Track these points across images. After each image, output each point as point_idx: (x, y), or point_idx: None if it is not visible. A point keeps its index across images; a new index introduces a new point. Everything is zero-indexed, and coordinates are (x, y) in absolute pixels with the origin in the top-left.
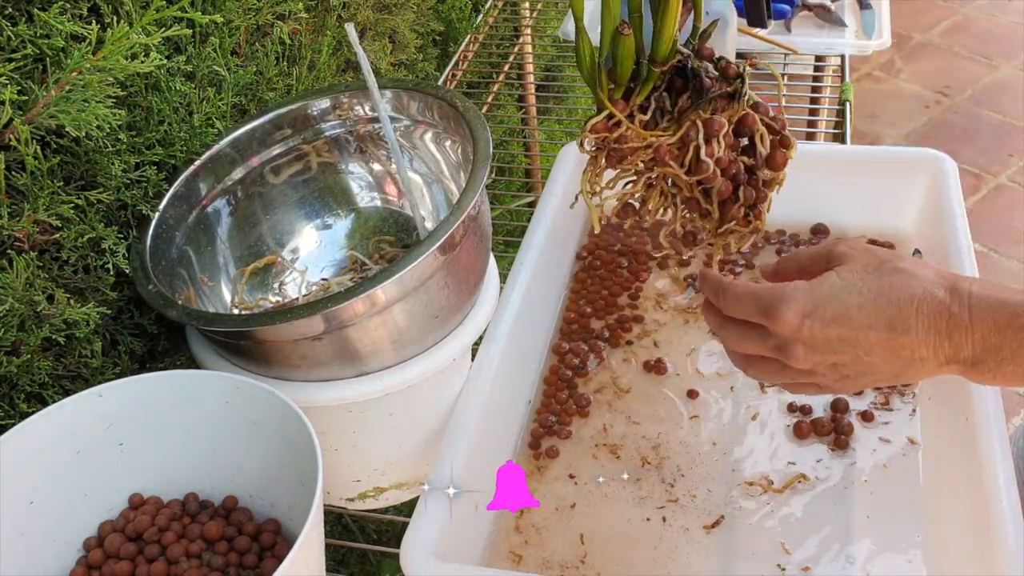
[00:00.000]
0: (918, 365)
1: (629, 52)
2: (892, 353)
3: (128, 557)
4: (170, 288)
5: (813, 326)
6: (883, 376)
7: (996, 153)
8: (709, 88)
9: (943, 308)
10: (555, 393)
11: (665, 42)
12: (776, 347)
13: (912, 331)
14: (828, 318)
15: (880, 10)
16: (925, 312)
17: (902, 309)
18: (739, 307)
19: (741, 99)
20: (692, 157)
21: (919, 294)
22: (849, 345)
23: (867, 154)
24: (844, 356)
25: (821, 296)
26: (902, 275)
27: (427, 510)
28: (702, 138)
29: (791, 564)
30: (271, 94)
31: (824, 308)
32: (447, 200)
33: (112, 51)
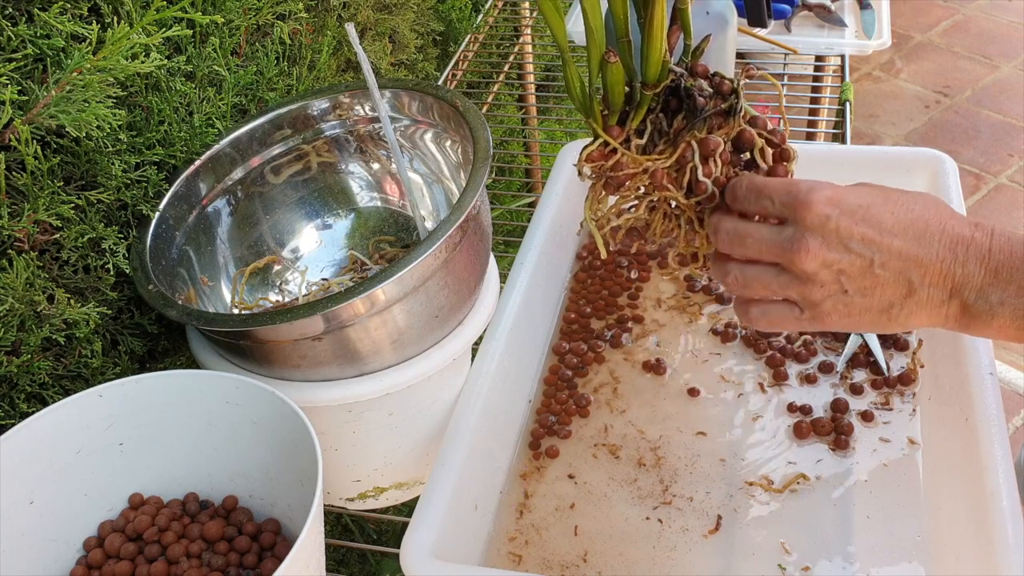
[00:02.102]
0: (923, 295)
1: (618, 79)
2: (904, 271)
3: (128, 557)
4: (170, 288)
5: (841, 218)
6: (878, 304)
7: (996, 153)
8: (703, 107)
9: (966, 236)
10: (555, 393)
11: (653, 65)
12: (790, 238)
13: (933, 249)
14: (859, 215)
15: (880, 10)
16: (949, 235)
17: (930, 226)
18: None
19: (737, 115)
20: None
21: (947, 218)
22: (870, 248)
23: (867, 154)
24: (858, 261)
25: (853, 193)
26: (935, 202)
27: (427, 510)
28: (698, 159)
29: (791, 564)
30: (271, 94)
31: (857, 204)
32: (447, 200)
33: (112, 51)
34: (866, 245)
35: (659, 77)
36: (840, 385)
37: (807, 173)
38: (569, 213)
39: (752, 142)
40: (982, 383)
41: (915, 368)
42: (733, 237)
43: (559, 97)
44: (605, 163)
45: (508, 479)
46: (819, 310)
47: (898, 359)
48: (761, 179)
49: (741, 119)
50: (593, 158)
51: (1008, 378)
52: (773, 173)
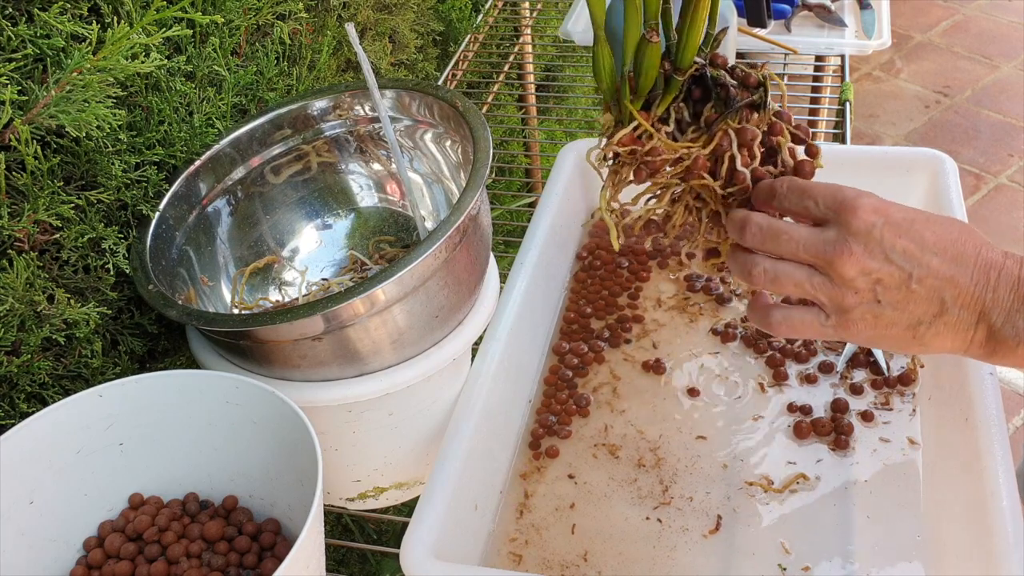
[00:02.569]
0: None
1: (655, 61)
2: (939, 289)
3: (128, 557)
4: (170, 288)
5: (885, 228)
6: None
7: (996, 153)
8: (735, 97)
9: (998, 262)
10: (555, 393)
11: (690, 50)
12: (832, 241)
13: (968, 271)
14: (903, 228)
15: (880, 10)
16: (984, 260)
17: (966, 249)
18: (808, 197)
19: (765, 108)
20: (727, 167)
21: (981, 244)
22: (910, 262)
23: (867, 154)
24: (896, 273)
25: (900, 208)
26: (969, 228)
27: (427, 510)
28: (735, 148)
29: (791, 564)
30: (271, 94)
31: (902, 218)
32: (447, 200)
33: (112, 51)
34: (907, 258)
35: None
36: (840, 385)
37: None
38: (569, 213)
39: (781, 134)
40: (982, 383)
41: (915, 368)
42: (767, 233)
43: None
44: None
45: (508, 479)
46: (847, 317)
47: (898, 359)
48: (803, 180)
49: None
50: (624, 143)
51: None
52: (799, 169)
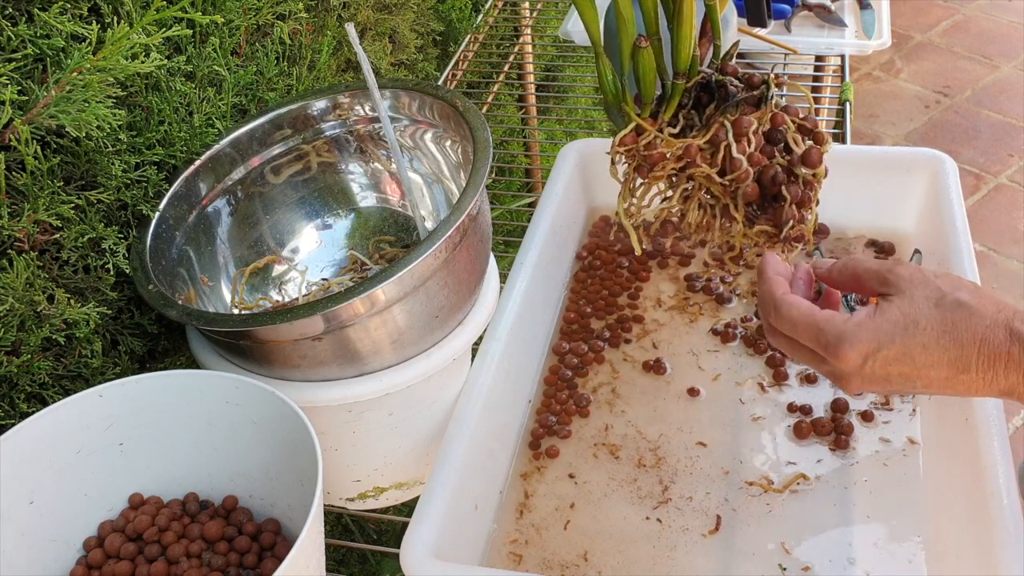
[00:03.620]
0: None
1: (650, 65)
2: (949, 386)
3: (128, 557)
4: (170, 288)
5: (875, 365)
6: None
7: (996, 153)
8: (734, 94)
9: (1003, 350)
10: (555, 393)
11: (683, 53)
12: (831, 373)
13: (972, 370)
14: (891, 358)
15: (880, 10)
16: (986, 353)
17: (964, 349)
18: (796, 333)
19: (768, 102)
20: (724, 156)
21: (980, 334)
22: (909, 381)
23: (867, 154)
24: (900, 388)
25: (884, 336)
26: (964, 311)
27: (427, 510)
28: (731, 136)
29: (791, 564)
30: (271, 94)
31: (888, 348)
32: (447, 200)
33: (112, 51)
34: (904, 379)
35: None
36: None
37: None
38: (569, 213)
39: (783, 124)
40: None
41: None
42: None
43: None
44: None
45: (508, 479)
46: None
47: None
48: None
49: (772, 106)
50: (626, 142)
51: None
52: (807, 156)
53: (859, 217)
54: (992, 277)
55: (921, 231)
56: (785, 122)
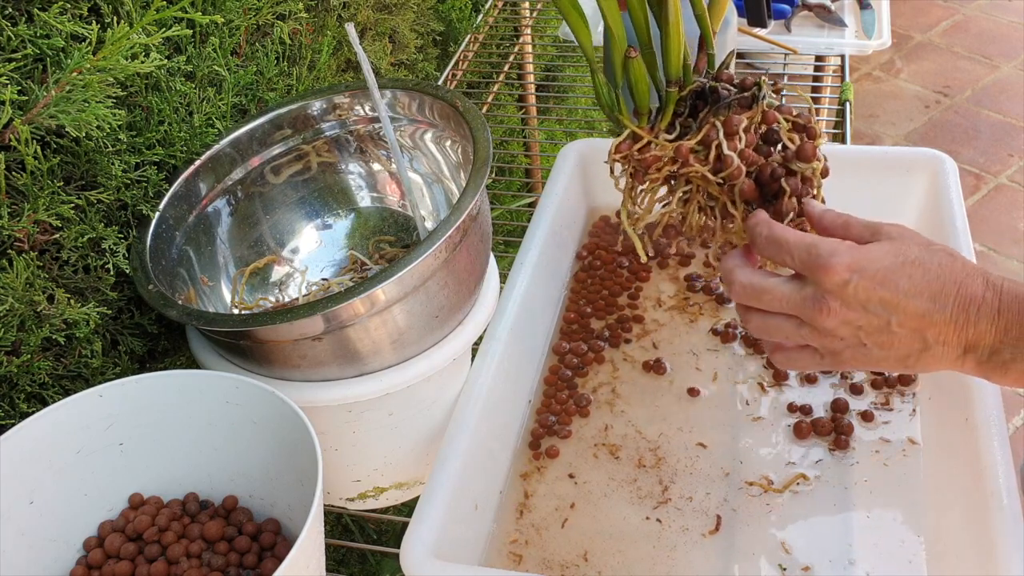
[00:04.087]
0: (938, 351)
1: (641, 75)
2: (920, 330)
3: (128, 557)
4: (170, 288)
5: (859, 283)
6: (899, 353)
7: (996, 153)
8: (726, 96)
9: (978, 296)
10: (555, 393)
11: (674, 60)
12: (809, 298)
13: (948, 310)
14: (877, 278)
15: (880, 10)
16: (963, 295)
17: (945, 285)
18: (785, 251)
19: (760, 102)
20: (716, 155)
21: (961, 278)
22: (887, 309)
23: (867, 154)
24: (875, 320)
25: (875, 257)
26: (949, 256)
27: (427, 510)
28: (722, 135)
29: (791, 564)
30: (271, 94)
31: (876, 268)
32: (447, 200)
33: (112, 51)
34: (884, 306)
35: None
36: (840, 385)
37: None
38: (569, 213)
39: (775, 121)
40: (982, 383)
41: None
42: (750, 292)
43: (559, 97)
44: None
45: (508, 479)
46: (839, 357)
47: None
48: (782, 233)
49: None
50: (621, 149)
51: None
52: (801, 150)
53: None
54: None
55: (921, 231)
56: (777, 119)
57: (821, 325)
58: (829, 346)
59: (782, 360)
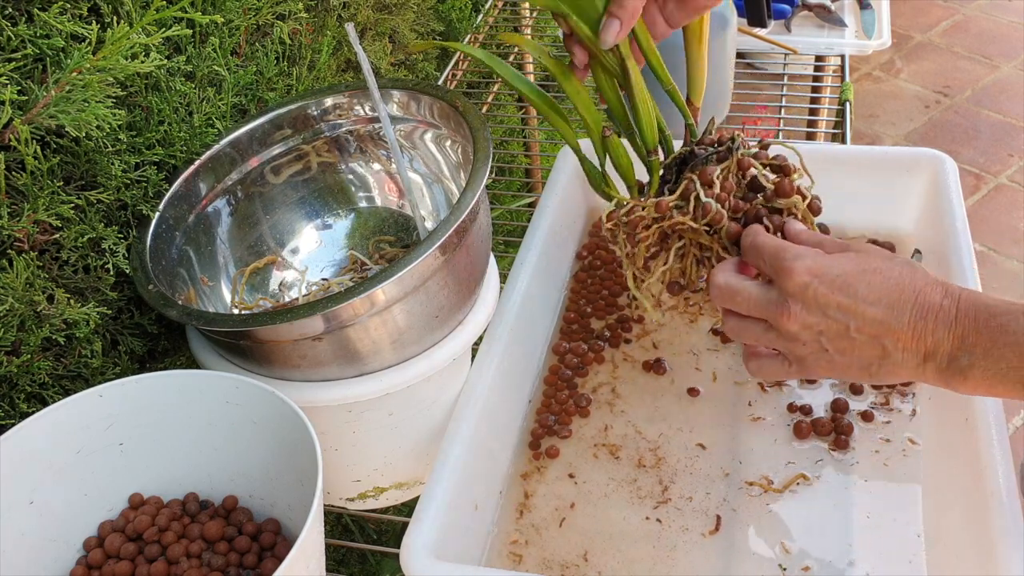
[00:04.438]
0: (897, 358)
1: (620, 150)
2: (878, 336)
3: (128, 557)
4: (170, 288)
5: (819, 287)
6: (859, 360)
7: (996, 153)
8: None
9: (935, 304)
10: (555, 393)
11: (648, 133)
12: (773, 301)
13: (905, 317)
14: (836, 284)
15: (880, 10)
16: (920, 303)
17: (903, 294)
18: (758, 254)
19: (735, 152)
20: (695, 204)
21: (920, 287)
22: (845, 314)
23: (867, 154)
24: (835, 326)
25: (835, 263)
26: (909, 267)
27: (427, 510)
28: (699, 185)
29: (791, 564)
30: (271, 94)
31: (834, 274)
32: (447, 200)
33: (112, 51)
34: (842, 312)
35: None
36: (840, 385)
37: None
38: (569, 213)
39: (751, 166)
40: None
41: None
42: (724, 292)
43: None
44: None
45: (508, 479)
46: (804, 364)
47: None
48: (760, 239)
49: (738, 155)
50: (612, 217)
51: None
52: (778, 187)
53: (859, 217)
54: (992, 277)
55: (921, 231)
56: (752, 165)
57: (784, 328)
58: (795, 352)
59: (754, 367)
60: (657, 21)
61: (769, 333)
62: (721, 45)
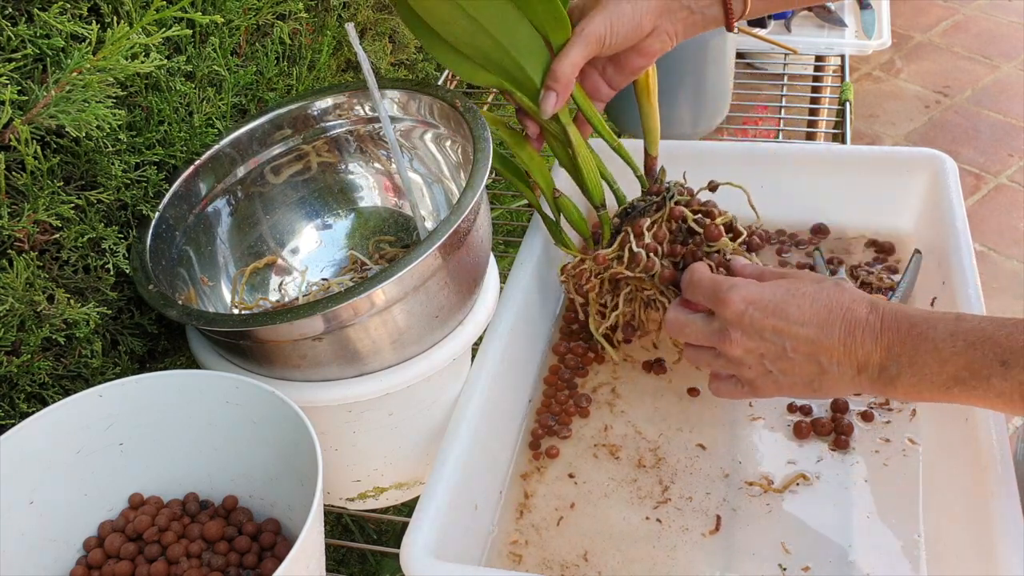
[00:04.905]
0: (834, 372)
1: (570, 207)
2: (813, 354)
3: (128, 557)
4: (170, 288)
5: (754, 313)
6: (800, 378)
7: (996, 153)
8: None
9: (861, 319)
10: (555, 393)
11: (592, 189)
12: (716, 330)
13: (835, 335)
14: (769, 309)
15: (880, 10)
16: (848, 320)
17: (831, 313)
18: (698, 289)
19: (668, 202)
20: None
21: (847, 304)
22: (780, 337)
23: (867, 154)
24: (772, 348)
25: (767, 290)
26: (838, 288)
27: (427, 510)
28: (632, 237)
29: (791, 564)
30: (271, 94)
31: (768, 300)
32: (447, 200)
33: (112, 51)
34: (777, 334)
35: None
36: None
37: (808, 174)
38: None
39: (681, 215)
40: None
41: None
42: (675, 327)
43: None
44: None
45: (508, 479)
46: (754, 385)
47: None
48: (696, 275)
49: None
50: (566, 270)
51: None
52: (708, 231)
53: (859, 217)
54: (992, 277)
55: (921, 231)
56: (682, 214)
57: (729, 354)
58: (743, 375)
59: (715, 389)
60: (600, 86)
61: (719, 359)
62: (721, 45)
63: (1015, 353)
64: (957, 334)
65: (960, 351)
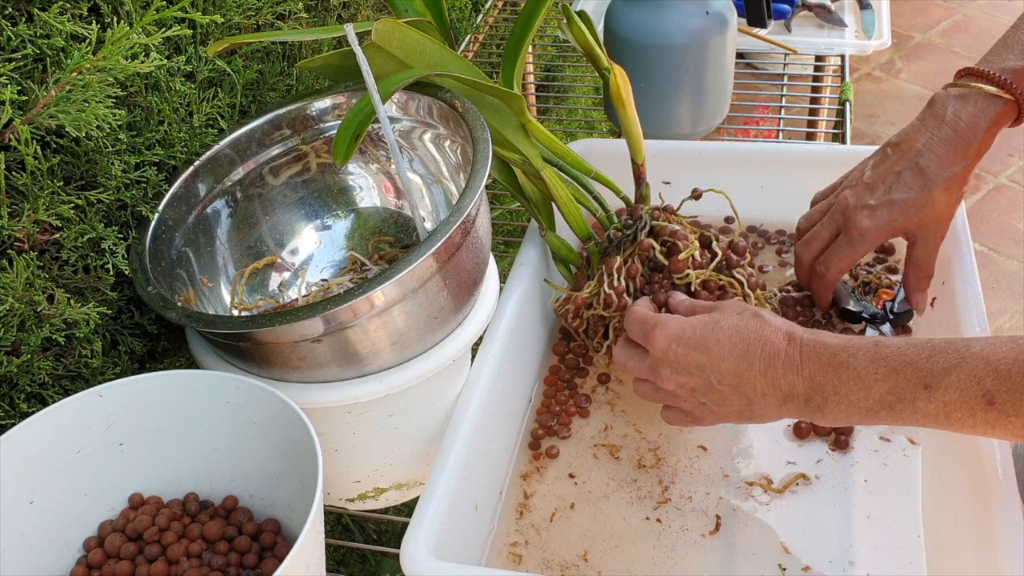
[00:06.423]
0: (760, 402)
1: (558, 243)
2: (738, 387)
3: (128, 557)
4: (170, 289)
5: (677, 350)
6: (732, 408)
7: (996, 153)
8: (614, 239)
9: (780, 351)
10: (555, 393)
11: (573, 222)
12: (650, 367)
13: (755, 366)
14: (691, 344)
15: (880, 10)
16: (766, 352)
17: (750, 346)
18: (631, 328)
19: (639, 234)
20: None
21: (765, 336)
22: (705, 371)
23: (867, 154)
24: (700, 381)
25: (689, 326)
26: (757, 319)
27: (427, 510)
28: (605, 276)
29: (791, 564)
30: (271, 94)
31: (690, 336)
32: (447, 201)
33: (112, 51)
34: (701, 369)
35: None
36: None
37: (808, 174)
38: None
39: (649, 248)
40: None
41: None
42: (619, 362)
43: (559, 97)
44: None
45: (508, 479)
46: (694, 415)
47: None
48: (631, 314)
49: (643, 235)
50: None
51: None
52: (672, 265)
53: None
54: (992, 277)
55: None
56: (650, 247)
57: (664, 389)
58: (681, 407)
59: (666, 418)
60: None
61: (659, 392)
62: (721, 45)
63: (936, 376)
64: (878, 360)
65: (883, 377)
